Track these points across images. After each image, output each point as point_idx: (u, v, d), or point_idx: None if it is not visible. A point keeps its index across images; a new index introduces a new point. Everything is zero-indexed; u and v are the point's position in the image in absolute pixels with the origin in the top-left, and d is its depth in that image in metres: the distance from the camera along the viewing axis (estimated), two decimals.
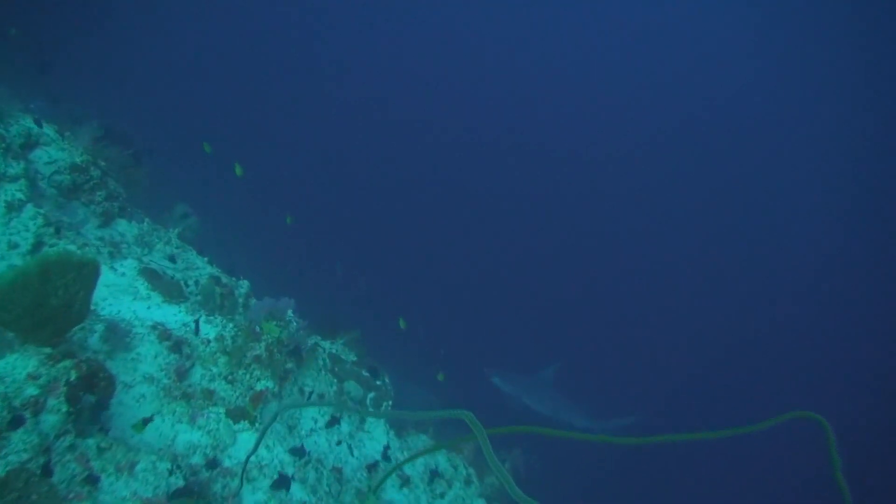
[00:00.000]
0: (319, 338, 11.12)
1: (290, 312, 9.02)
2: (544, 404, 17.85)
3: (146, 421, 5.97)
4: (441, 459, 10.89)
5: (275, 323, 8.43)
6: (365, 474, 9.00)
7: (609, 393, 24.28)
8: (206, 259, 10.98)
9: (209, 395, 7.18)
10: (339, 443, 8.97)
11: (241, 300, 10.27)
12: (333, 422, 8.61)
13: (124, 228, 10.16)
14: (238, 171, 12.60)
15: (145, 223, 10.53)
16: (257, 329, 8.15)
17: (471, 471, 11.18)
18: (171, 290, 8.47)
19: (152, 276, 8.53)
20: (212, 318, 8.40)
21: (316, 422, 8.92)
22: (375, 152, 40.98)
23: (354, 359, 10.87)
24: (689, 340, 36.78)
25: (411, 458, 8.50)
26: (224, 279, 10.35)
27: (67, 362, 5.57)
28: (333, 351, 10.71)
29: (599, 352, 31.58)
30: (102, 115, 11.91)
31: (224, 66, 39.85)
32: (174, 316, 8.10)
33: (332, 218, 30.19)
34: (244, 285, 10.65)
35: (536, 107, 52.36)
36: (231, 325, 8.31)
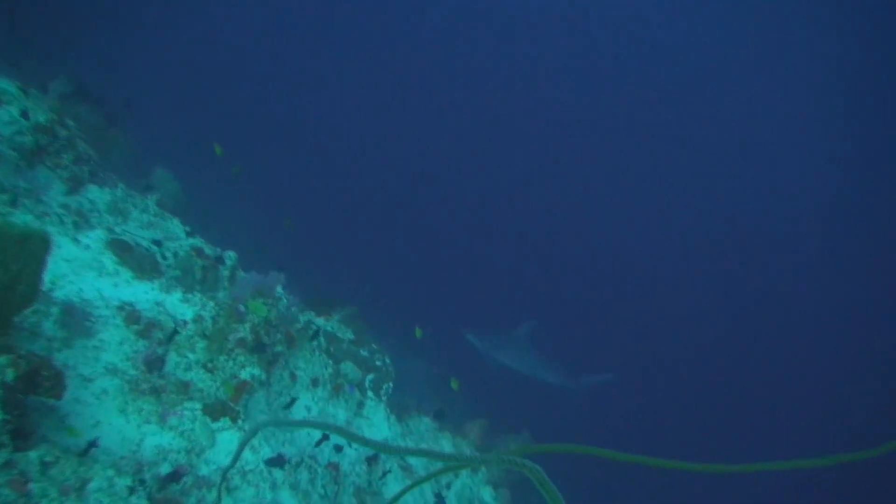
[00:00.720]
0: (313, 314, 10.06)
1: (279, 288, 7.95)
2: (519, 362, 17.59)
3: (91, 445, 4.89)
4: (446, 445, 9.91)
5: (262, 301, 7.35)
6: (364, 468, 8.00)
7: (585, 350, 24.02)
8: (188, 228, 9.86)
9: (184, 387, 6.11)
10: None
11: (226, 274, 9.18)
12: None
13: (95, 195, 9.01)
14: (218, 150, 11.40)
15: (119, 189, 9.38)
16: (241, 308, 7.07)
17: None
18: (143, 264, 7.37)
19: (122, 249, 7.41)
20: (190, 295, 7.31)
21: (309, 410, 7.89)
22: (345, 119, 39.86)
23: (352, 337, 9.82)
24: (665, 299, 36.97)
25: (427, 478, 7.33)
26: (208, 250, 9.25)
27: (2, 359, 4.49)
28: (329, 329, 9.65)
29: (576, 310, 31.17)
30: (74, 72, 10.68)
31: (216, 20, 38.14)
32: (145, 294, 7.00)
33: (313, 182, 29.26)
34: (231, 257, 9.55)
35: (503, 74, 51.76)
36: (212, 303, 7.23)
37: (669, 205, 47.61)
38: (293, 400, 7.40)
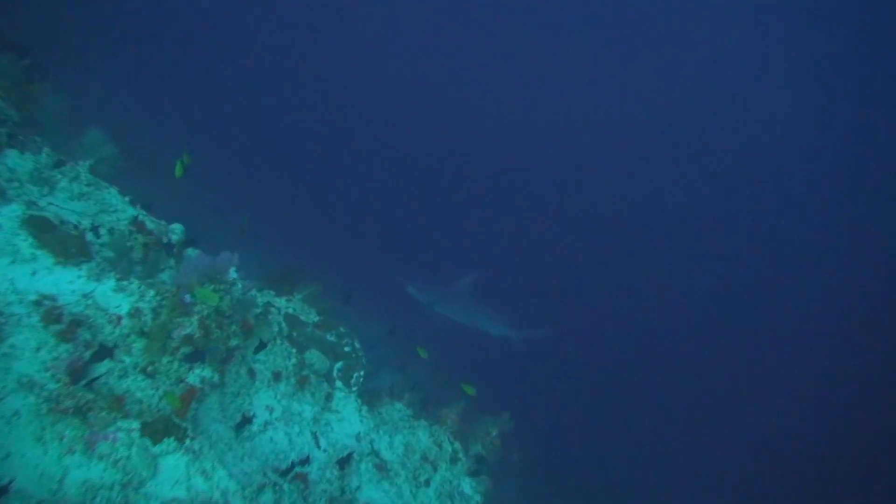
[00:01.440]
0: (273, 294, 8.89)
1: (233, 271, 6.77)
2: (461, 314, 17.36)
3: (2, 492, 3.72)
4: (423, 436, 8.91)
5: (213, 287, 6.18)
6: (336, 472, 6.95)
7: (526, 304, 23.70)
8: (127, 199, 8.56)
9: (117, 402, 4.94)
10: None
11: (171, 252, 7.97)
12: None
13: (14, 162, 7.65)
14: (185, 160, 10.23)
15: (44, 154, 8.02)
16: (188, 298, 5.88)
17: (456, 445, 9.25)
18: (68, 246, 6.10)
19: (42, 227, 6.13)
20: (126, 282, 6.07)
21: (272, 410, 6.78)
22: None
23: (316, 319, 8.69)
24: (606, 257, 36.96)
25: None
26: (150, 224, 8.00)
27: None
28: (290, 310, 8.50)
29: (519, 263, 31.36)
30: None
31: None
32: (70, 284, 5.76)
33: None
34: (177, 230, 8.33)
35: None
36: (152, 292, 6.00)
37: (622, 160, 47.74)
38: (247, 419, 6.27)
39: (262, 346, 6.93)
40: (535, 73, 51.47)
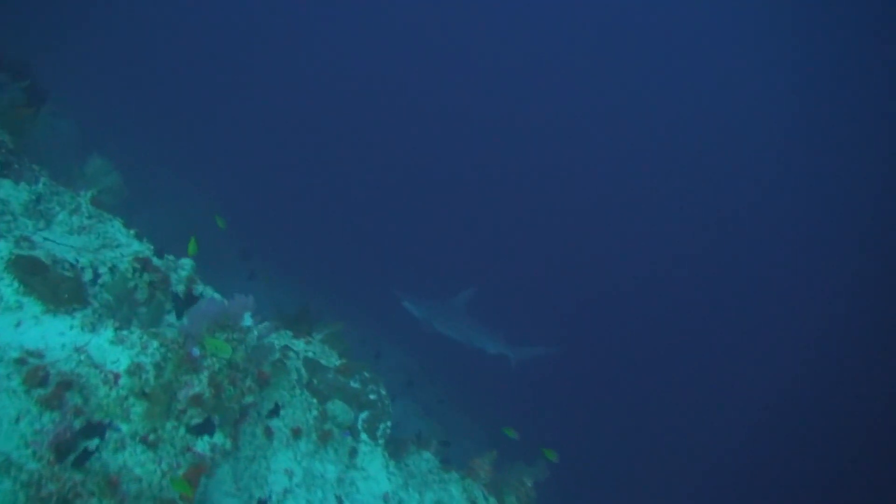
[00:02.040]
0: (290, 335, 8.06)
1: (247, 316, 5.94)
2: (456, 330, 17.09)
3: None
4: (455, 491, 8.01)
5: (224, 336, 5.36)
6: None
7: (525, 321, 23.91)
8: (132, 232, 7.76)
9: (111, 487, 4.08)
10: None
11: (179, 289, 7.15)
12: None
13: (7, 193, 6.88)
14: (221, 224, 10.06)
15: (41, 183, 7.24)
16: (196, 352, 5.05)
17: (492, 500, 8.35)
18: (59, 291, 5.28)
19: (30, 269, 5.32)
20: (126, 332, 5.24)
21: (292, 475, 5.92)
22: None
23: (338, 363, 7.84)
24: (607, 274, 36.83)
25: None
26: (157, 261, 7.20)
27: None
28: (310, 354, 7.66)
29: (517, 279, 31.12)
30: None
31: None
32: (60, 336, 4.93)
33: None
34: (186, 266, 7.54)
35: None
36: (156, 343, 5.16)
37: (624, 179, 47.98)
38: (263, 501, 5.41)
39: (276, 411, 6.08)
40: (539, 86, 51.78)
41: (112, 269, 6.58)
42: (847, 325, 35.71)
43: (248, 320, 5.83)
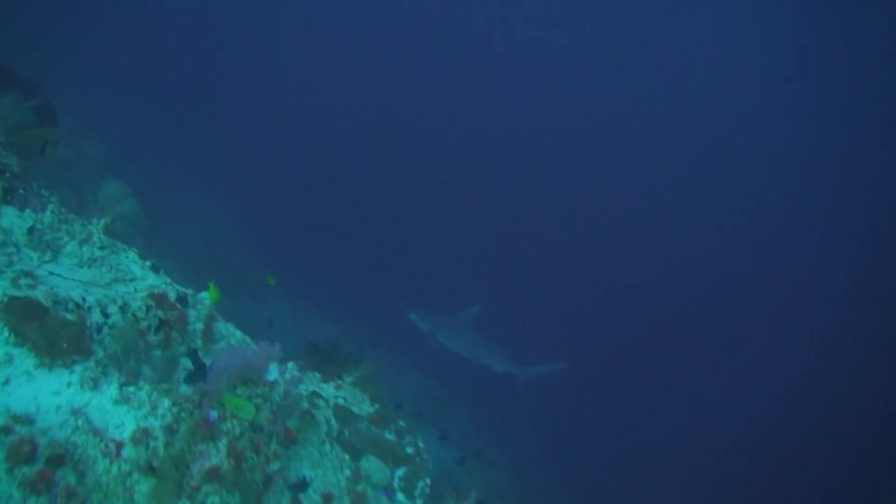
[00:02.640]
0: (318, 377, 7.26)
1: (273, 367, 5.16)
2: (462, 346, 16.67)
3: None
4: None
5: (247, 392, 4.57)
6: None
7: (534, 339, 23.57)
8: (148, 264, 7.03)
9: None
10: None
11: (197, 327, 6.42)
12: None
13: (10, 222, 6.16)
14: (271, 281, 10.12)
15: (49, 211, 6.52)
16: (213, 415, 4.26)
17: None
18: (57, 339, 4.51)
19: (26, 314, 4.57)
20: (132, 388, 4.46)
21: None
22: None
23: (371, 409, 7.02)
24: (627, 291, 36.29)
25: None
26: (173, 294, 6.47)
27: None
28: (340, 401, 6.85)
29: (526, 295, 30.65)
30: None
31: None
32: (55, 396, 4.15)
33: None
34: (205, 301, 6.82)
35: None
36: (167, 401, 4.38)
37: (635, 193, 47.32)
38: None
39: (303, 486, 5.25)
40: (558, 96, 51.47)
41: (123, 308, 5.86)
42: (849, 325, 35.42)
43: (273, 372, 5.05)
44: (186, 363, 5.24)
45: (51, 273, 6.07)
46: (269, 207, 26.07)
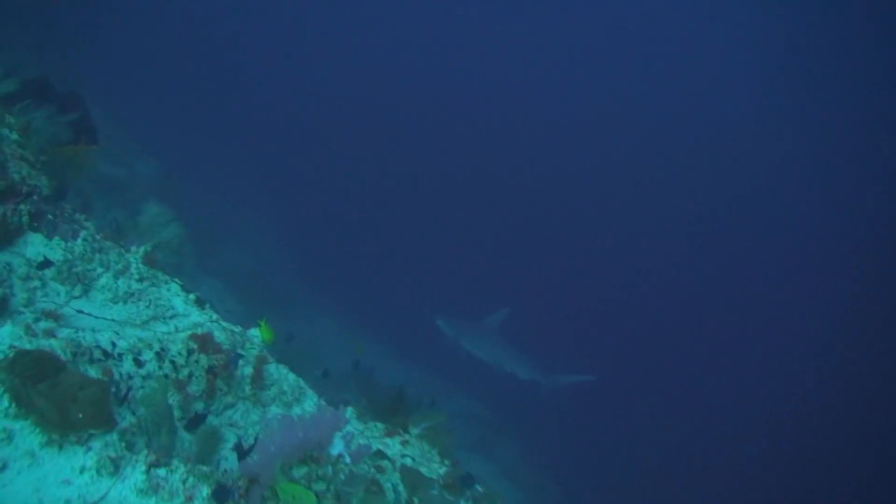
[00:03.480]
0: (382, 430, 6.23)
1: (338, 439, 4.15)
2: (487, 352, 16.13)
3: None
4: None
5: (306, 473, 3.57)
6: None
7: (560, 343, 23.42)
8: (192, 297, 6.12)
9: None
10: None
11: (245, 372, 5.50)
12: None
13: (36, 251, 5.30)
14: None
15: (81, 239, 5.65)
16: None
17: None
18: (70, 408, 3.55)
19: (34, 372, 3.61)
20: (163, 472, 3.48)
21: None
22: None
23: (443, 471, 5.97)
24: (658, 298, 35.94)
25: None
26: (219, 334, 5.55)
27: None
28: (408, 460, 5.81)
29: (556, 301, 30.05)
30: (28, 60, 7.02)
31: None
32: (64, 486, 3.16)
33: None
34: (254, 342, 5.94)
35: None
36: (206, 489, 3.38)
37: (669, 199, 46.63)
38: None
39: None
40: (579, 98, 51.30)
41: (160, 353, 4.97)
42: (859, 327, 34.92)
43: (338, 445, 4.04)
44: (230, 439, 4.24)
45: (79, 311, 5.19)
46: (314, 222, 25.94)
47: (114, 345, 4.71)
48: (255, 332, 6.26)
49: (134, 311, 5.58)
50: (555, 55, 52.41)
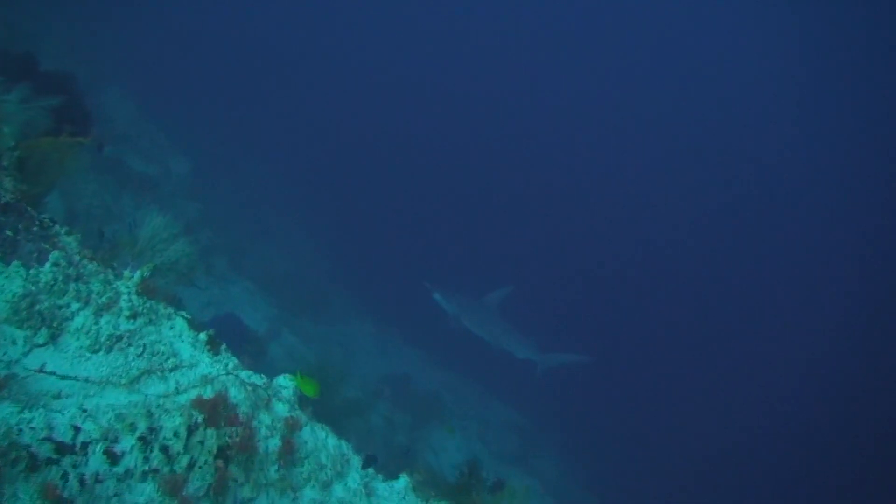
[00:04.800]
0: None
1: None
2: (485, 330, 15.97)
3: None
4: None
5: None
6: None
7: (563, 326, 23.32)
8: (202, 337, 4.51)
9: None
10: None
11: (271, 445, 4.00)
12: None
13: None
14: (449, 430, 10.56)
15: (50, 263, 4.07)
16: None
17: None
18: None
19: None
20: None
21: None
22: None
23: None
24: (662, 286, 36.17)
25: None
26: (235, 392, 4.00)
27: None
28: None
29: (558, 280, 30.17)
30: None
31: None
32: None
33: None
34: (286, 388, 4.47)
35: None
36: None
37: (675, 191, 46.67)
38: None
39: None
40: (590, 89, 51.49)
41: (148, 435, 3.44)
42: (858, 326, 34.34)
43: None
44: None
45: (39, 369, 3.65)
46: (350, 223, 25.45)
47: (76, 430, 3.15)
48: (284, 381, 4.74)
49: (120, 363, 4.02)
50: (561, 44, 53.05)
